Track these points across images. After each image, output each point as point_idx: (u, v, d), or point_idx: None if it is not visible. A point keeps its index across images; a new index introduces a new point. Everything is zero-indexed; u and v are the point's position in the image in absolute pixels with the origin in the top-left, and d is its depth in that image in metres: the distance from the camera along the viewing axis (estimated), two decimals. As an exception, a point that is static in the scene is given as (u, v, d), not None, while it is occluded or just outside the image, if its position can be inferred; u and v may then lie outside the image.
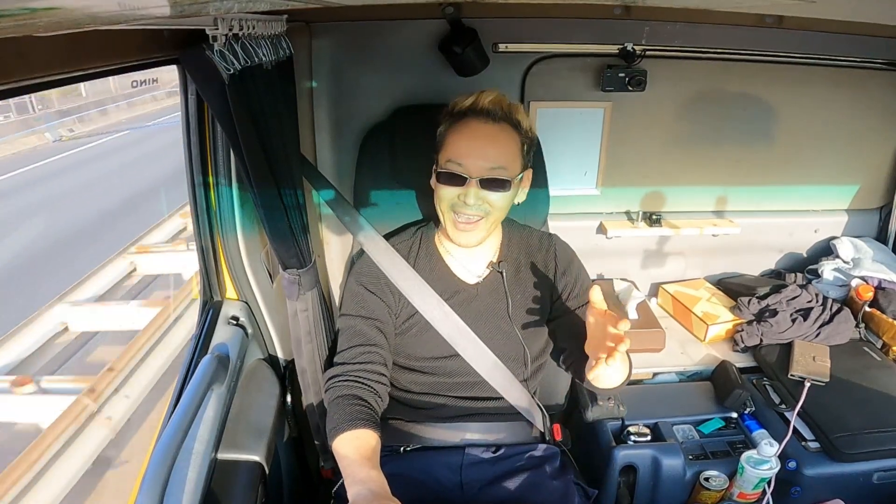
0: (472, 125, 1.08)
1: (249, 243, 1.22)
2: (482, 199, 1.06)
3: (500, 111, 1.08)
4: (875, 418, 1.38)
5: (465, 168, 1.06)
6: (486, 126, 1.07)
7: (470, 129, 1.08)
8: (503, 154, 1.07)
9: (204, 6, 0.61)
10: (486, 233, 1.13)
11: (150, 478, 0.81)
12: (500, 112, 1.08)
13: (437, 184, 1.10)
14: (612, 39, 1.53)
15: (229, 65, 0.85)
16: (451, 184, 1.07)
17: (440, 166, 1.09)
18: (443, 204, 1.10)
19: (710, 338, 1.74)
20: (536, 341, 1.21)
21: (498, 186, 1.06)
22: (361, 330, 1.14)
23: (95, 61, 0.74)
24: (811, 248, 1.95)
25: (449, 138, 1.09)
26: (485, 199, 1.07)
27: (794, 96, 1.72)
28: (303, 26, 1.34)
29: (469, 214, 1.08)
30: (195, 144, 1.09)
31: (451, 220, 1.10)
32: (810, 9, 1.10)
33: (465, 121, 1.09)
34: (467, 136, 1.07)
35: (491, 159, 1.05)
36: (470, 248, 1.16)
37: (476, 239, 1.12)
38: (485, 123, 1.07)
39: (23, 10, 0.39)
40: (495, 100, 1.08)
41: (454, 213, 1.09)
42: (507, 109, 1.09)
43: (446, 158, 1.08)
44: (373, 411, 1.05)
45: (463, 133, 1.08)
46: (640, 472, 1.36)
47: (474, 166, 1.05)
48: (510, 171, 1.07)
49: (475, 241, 1.12)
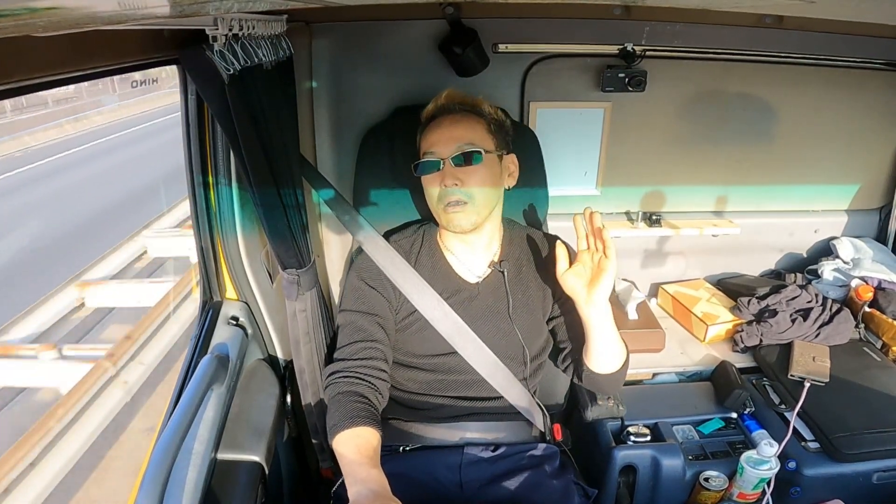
0: (438, 120, 1.17)
1: (249, 243, 1.22)
2: (459, 179, 1.11)
3: (457, 104, 1.18)
4: (875, 418, 1.38)
5: (437, 153, 1.13)
6: (449, 116, 1.16)
7: (436, 122, 1.17)
8: (468, 133, 1.14)
9: (204, 6, 0.61)
10: (478, 217, 1.14)
11: (149, 478, 0.81)
12: (456, 105, 1.18)
13: (422, 179, 1.16)
14: (611, 40, 1.53)
15: (229, 65, 0.85)
16: (430, 171, 1.13)
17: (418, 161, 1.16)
18: (433, 200, 1.16)
19: (709, 338, 1.74)
20: (536, 341, 1.22)
21: (470, 160, 1.11)
22: (362, 326, 1.14)
23: (95, 61, 0.74)
24: (811, 249, 1.95)
25: (422, 139, 1.18)
26: (462, 178, 1.11)
27: (794, 96, 1.72)
28: (303, 26, 1.34)
29: (454, 199, 1.12)
30: (195, 144, 1.09)
31: (443, 210, 1.14)
32: (810, 9, 1.10)
33: (433, 121, 1.17)
34: (434, 129, 1.16)
35: (458, 139, 1.12)
36: (471, 241, 1.18)
37: (468, 222, 1.13)
38: (447, 116, 1.16)
39: (23, 10, 0.39)
40: (450, 95, 1.18)
41: (442, 204, 1.13)
42: (463, 100, 1.18)
43: (422, 153, 1.17)
44: (373, 408, 1.06)
45: (430, 129, 1.16)
46: (640, 473, 1.36)
47: (444, 150, 1.12)
48: (479, 144, 1.13)
49: (468, 224, 1.13)
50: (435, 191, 1.14)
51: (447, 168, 1.11)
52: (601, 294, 1.06)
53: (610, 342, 1.12)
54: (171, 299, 4.69)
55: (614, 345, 1.13)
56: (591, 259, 1.08)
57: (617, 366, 1.15)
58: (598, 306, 1.07)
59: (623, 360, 1.16)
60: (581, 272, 1.08)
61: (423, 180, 1.16)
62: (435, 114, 1.18)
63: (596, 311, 1.07)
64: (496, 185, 1.16)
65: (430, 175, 1.13)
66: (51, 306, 4.85)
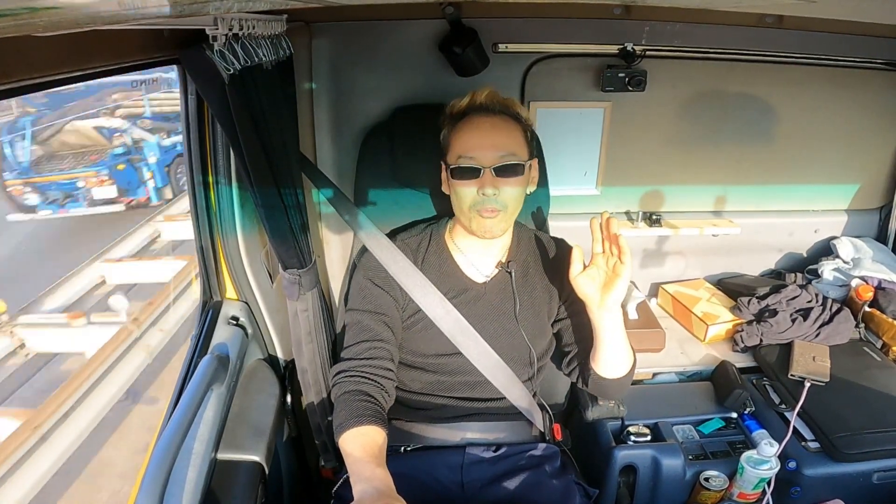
0: (475, 120, 1.10)
1: (249, 243, 1.22)
2: (498, 189, 1.07)
3: (498, 105, 1.12)
4: (875, 418, 1.38)
5: (478, 160, 1.07)
6: (489, 119, 1.10)
7: (474, 123, 1.10)
8: (510, 141, 1.09)
9: (204, 6, 0.61)
10: (508, 225, 1.14)
11: (149, 478, 0.81)
12: (497, 106, 1.11)
13: (454, 182, 1.10)
14: (612, 39, 1.53)
15: (229, 65, 0.85)
16: (467, 178, 1.08)
17: (453, 164, 1.10)
18: (464, 204, 1.10)
19: (709, 338, 1.74)
20: (541, 342, 1.22)
21: (511, 172, 1.08)
22: (368, 325, 1.13)
23: (95, 61, 0.75)
24: (811, 248, 1.95)
25: (455, 137, 1.11)
26: (501, 188, 1.08)
27: (794, 96, 1.72)
28: (303, 26, 1.34)
29: (490, 206, 1.08)
30: (195, 144, 1.09)
31: (476, 215, 1.10)
32: (810, 8, 1.10)
33: (467, 118, 1.11)
34: (473, 131, 1.09)
35: (500, 147, 1.08)
36: (485, 242, 1.16)
37: (500, 229, 1.12)
38: (486, 117, 1.10)
39: (23, 10, 0.39)
40: (490, 95, 1.12)
41: (476, 209, 1.09)
42: (504, 103, 1.13)
43: (457, 156, 1.09)
44: (379, 407, 1.05)
45: (468, 129, 1.10)
46: (640, 473, 1.36)
47: (486, 157, 1.07)
48: (520, 155, 1.10)
49: (499, 231, 1.12)
50: (468, 195, 1.09)
51: (487, 176, 1.07)
52: (614, 298, 1.04)
53: (619, 347, 1.11)
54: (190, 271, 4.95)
55: (623, 349, 1.12)
56: (606, 263, 1.05)
57: (624, 371, 1.14)
58: (610, 311, 1.05)
59: (630, 365, 1.15)
60: (595, 275, 1.05)
61: (454, 182, 1.11)
62: (469, 110, 1.11)
63: (608, 316, 1.06)
64: (524, 193, 1.15)
65: (466, 179, 1.10)
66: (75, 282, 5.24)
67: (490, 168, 1.07)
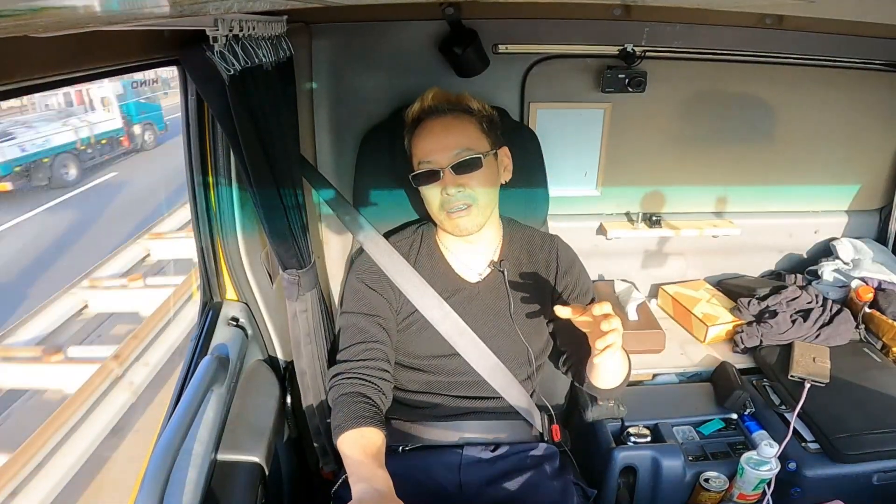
0: (427, 124, 1.15)
1: (249, 244, 1.22)
2: (462, 185, 1.10)
3: (446, 104, 1.16)
4: (875, 419, 1.37)
5: (435, 162, 1.11)
6: (439, 119, 1.14)
7: (426, 127, 1.14)
8: (463, 138, 1.12)
9: (204, 6, 0.61)
10: (483, 218, 1.15)
11: (149, 478, 0.81)
12: (445, 105, 1.15)
13: (420, 187, 1.15)
14: (611, 40, 1.53)
15: (229, 65, 0.85)
16: (430, 181, 1.12)
17: (415, 171, 1.15)
18: (433, 207, 1.15)
19: (709, 339, 1.73)
20: (537, 341, 1.21)
21: (470, 167, 1.11)
22: (363, 327, 1.14)
23: (95, 61, 0.75)
24: (811, 249, 1.95)
25: (413, 144, 1.16)
26: (464, 184, 1.10)
27: (794, 97, 1.72)
28: (303, 27, 1.34)
29: (458, 204, 1.11)
30: (195, 145, 1.09)
31: (445, 216, 1.13)
32: (810, 9, 1.10)
33: (421, 124, 1.16)
34: (427, 135, 1.14)
35: (454, 145, 1.11)
36: (472, 241, 1.18)
37: (474, 224, 1.13)
38: (437, 118, 1.14)
39: (23, 10, 0.39)
40: (436, 95, 1.16)
41: (445, 210, 1.13)
42: (453, 100, 1.16)
43: (417, 161, 1.15)
44: (377, 408, 1.06)
45: (422, 134, 1.15)
46: (640, 473, 1.36)
47: (442, 158, 1.11)
48: (476, 148, 1.12)
49: (474, 226, 1.14)
50: (436, 198, 1.13)
51: (447, 176, 1.11)
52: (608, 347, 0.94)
53: (614, 368, 1.09)
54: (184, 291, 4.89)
55: (618, 369, 1.10)
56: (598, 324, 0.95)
57: (619, 381, 1.13)
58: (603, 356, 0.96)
59: (626, 374, 1.14)
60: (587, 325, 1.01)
61: (420, 187, 1.15)
62: (422, 115, 1.16)
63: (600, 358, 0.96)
64: (495, 183, 1.16)
65: (429, 183, 1.13)
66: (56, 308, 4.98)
67: (448, 168, 1.10)
